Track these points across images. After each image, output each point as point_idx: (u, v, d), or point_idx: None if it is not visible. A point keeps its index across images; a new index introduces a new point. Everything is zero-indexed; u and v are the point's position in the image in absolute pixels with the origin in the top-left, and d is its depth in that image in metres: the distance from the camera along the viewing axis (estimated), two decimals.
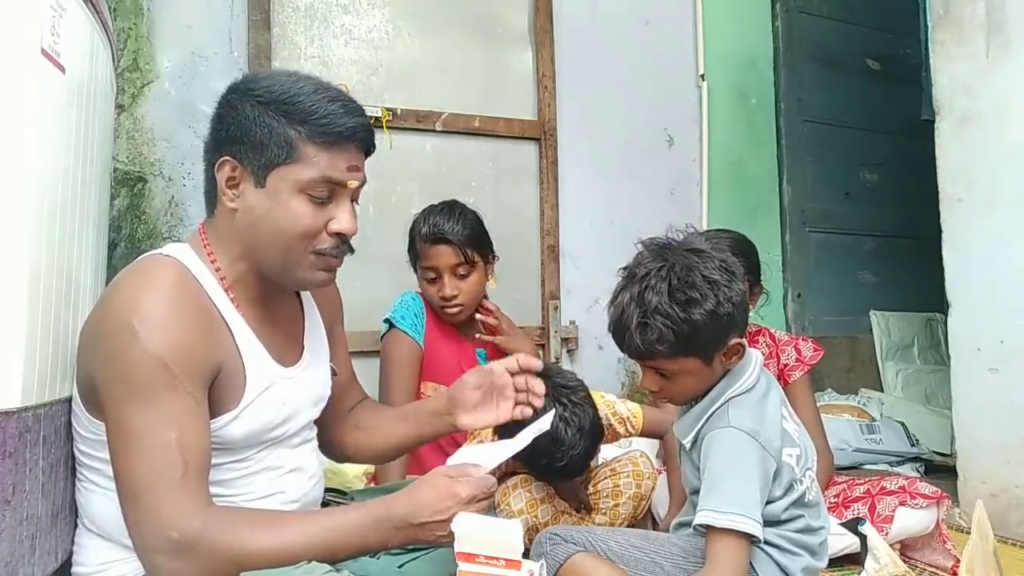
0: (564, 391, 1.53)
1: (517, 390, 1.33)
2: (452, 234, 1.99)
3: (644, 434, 1.83)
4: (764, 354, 2.00)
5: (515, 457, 1.33)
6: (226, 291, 1.13)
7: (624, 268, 1.29)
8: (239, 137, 1.09)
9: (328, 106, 1.09)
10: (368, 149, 1.17)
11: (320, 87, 1.12)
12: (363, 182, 1.16)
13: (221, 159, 1.10)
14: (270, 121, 1.08)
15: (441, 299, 2.02)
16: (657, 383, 1.29)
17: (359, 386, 1.48)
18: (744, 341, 1.28)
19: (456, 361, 2.08)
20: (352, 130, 1.11)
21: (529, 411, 1.31)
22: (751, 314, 1.54)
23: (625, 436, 1.80)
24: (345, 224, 1.12)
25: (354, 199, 1.16)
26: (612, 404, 1.79)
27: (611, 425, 1.74)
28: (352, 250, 1.17)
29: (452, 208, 2.05)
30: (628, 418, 1.77)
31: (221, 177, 1.11)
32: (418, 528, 1.04)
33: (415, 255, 2.07)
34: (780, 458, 1.24)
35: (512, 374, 1.32)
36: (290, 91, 1.09)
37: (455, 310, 2.04)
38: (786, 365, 2.04)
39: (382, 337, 2.07)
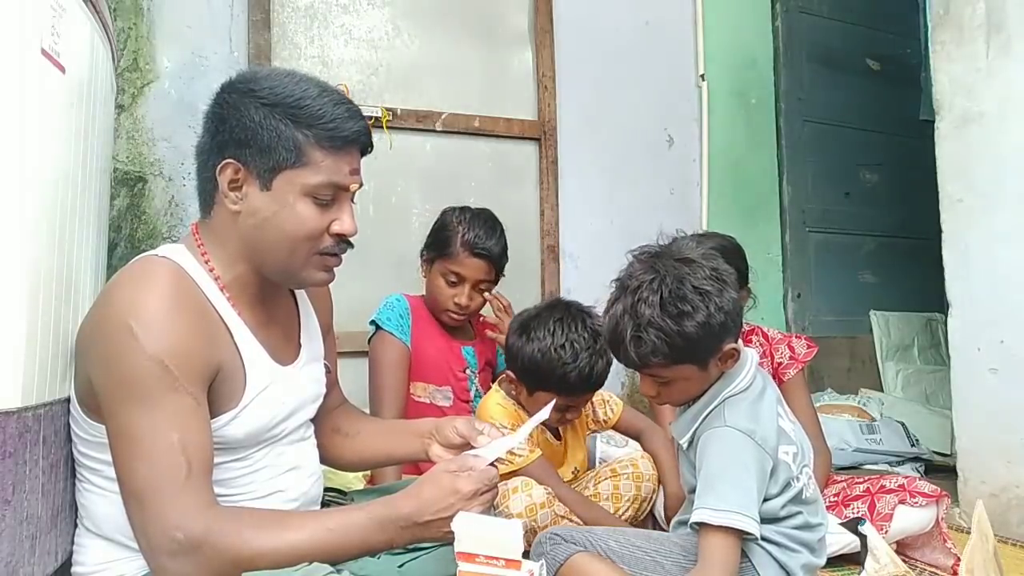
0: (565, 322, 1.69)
1: None
2: (493, 252, 1.98)
3: (619, 427, 1.96)
4: (758, 353, 2.00)
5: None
6: (222, 291, 1.13)
7: (616, 279, 1.30)
8: (245, 140, 1.08)
9: (334, 110, 1.10)
10: (366, 151, 1.19)
11: (323, 90, 1.13)
12: (361, 184, 1.18)
13: (224, 162, 1.10)
14: (277, 124, 1.08)
15: (455, 305, 2.00)
16: (655, 389, 1.31)
17: (340, 390, 1.48)
18: (739, 345, 1.29)
19: (444, 359, 2.08)
20: (357, 134, 1.13)
21: None
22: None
23: (603, 420, 1.93)
24: (347, 226, 1.14)
25: (351, 199, 1.17)
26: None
27: (593, 402, 1.90)
28: (352, 246, 1.18)
29: (494, 223, 2.03)
30: (608, 400, 1.94)
31: (223, 180, 1.10)
32: (423, 527, 1.04)
33: (444, 253, 2.00)
34: (776, 456, 1.25)
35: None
36: (295, 94, 1.09)
37: (461, 318, 2.05)
38: (780, 363, 2.04)
39: (369, 339, 2.06)
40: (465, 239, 1.97)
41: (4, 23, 0.96)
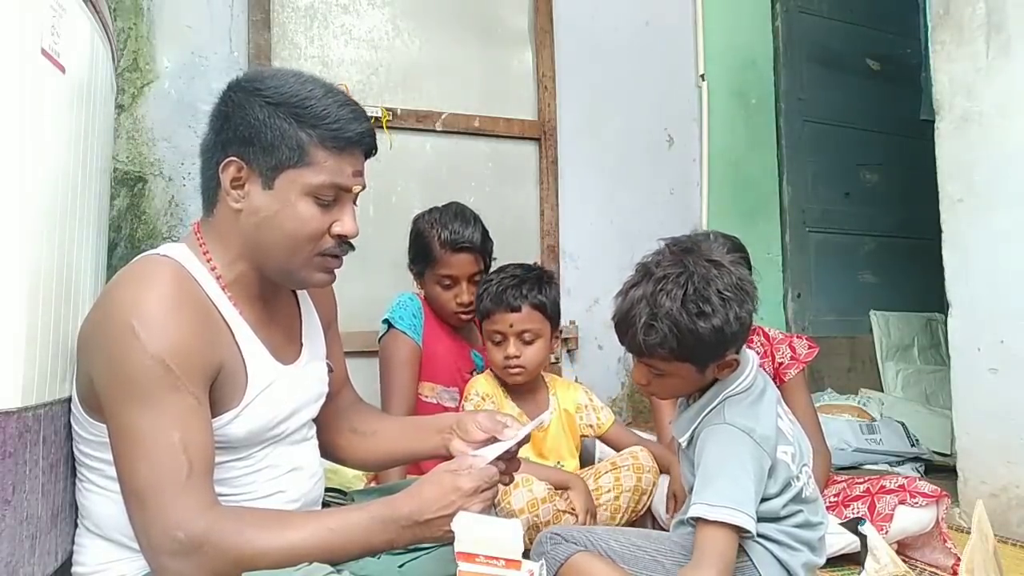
0: None
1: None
2: (474, 242, 1.98)
3: (610, 440, 1.97)
4: (758, 353, 2.00)
5: None
6: (223, 290, 1.13)
7: (641, 263, 1.29)
8: (248, 138, 1.09)
9: (339, 111, 1.10)
10: (370, 153, 1.19)
11: (329, 91, 1.13)
12: (364, 186, 1.17)
13: (227, 159, 1.10)
14: (281, 123, 1.08)
15: (459, 305, 2.01)
16: (647, 377, 1.32)
17: (352, 388, 1.48)
18: (739, 357, 1.29)
19: (453, 361, 2.08)
20: (360, 136, 1.13)
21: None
22: None
23: (594, 425, 1.96)
24: (348, 227, 1.14)
25: (354, 201, 1.17)
26: (590, 394, 2.00)
27: (587, 405, 1.96)
28: (353, 248, 1.18)
29: (464, 214, 2.04)
30: (600, 409, 1.97)
31: (226, 177, 1.10)
32: (424, 526, 1.04)
33: (429, 260, 2.01)
34: (775, 455, 1.25)
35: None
36: (300, 94, 1.10)
37: (470, 316, 2.04)
38: (781, 363, 2.04)
39: (380, 338, 2.06)
40: (443, 239, 1.98)
41: (4, 23, 0.96)
